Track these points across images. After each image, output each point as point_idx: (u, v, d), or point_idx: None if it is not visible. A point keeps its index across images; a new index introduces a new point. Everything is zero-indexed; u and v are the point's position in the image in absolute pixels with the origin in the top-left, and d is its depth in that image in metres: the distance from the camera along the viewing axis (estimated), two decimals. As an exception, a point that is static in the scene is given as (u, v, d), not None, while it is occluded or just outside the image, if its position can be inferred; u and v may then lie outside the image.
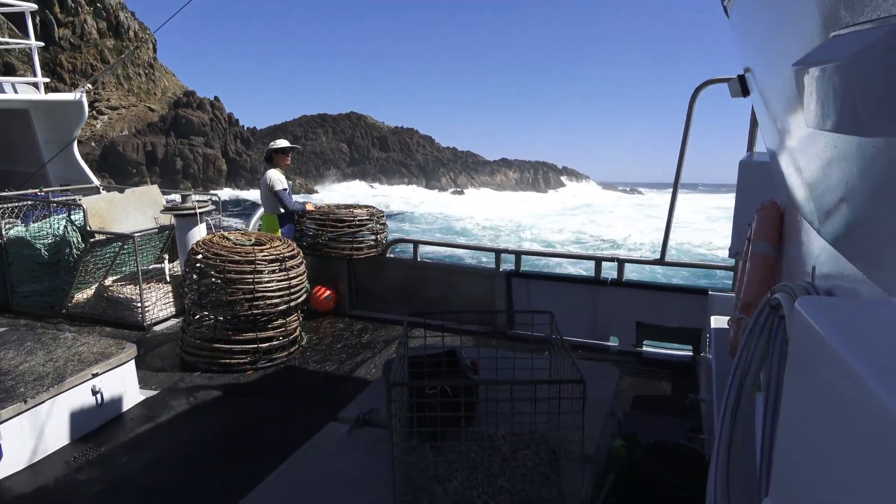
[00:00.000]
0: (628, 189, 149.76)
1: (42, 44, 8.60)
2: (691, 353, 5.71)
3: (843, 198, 1.26)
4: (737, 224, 3.92)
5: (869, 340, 0.94)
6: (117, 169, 70.38)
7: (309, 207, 6.93)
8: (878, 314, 1.07)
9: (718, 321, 3.97)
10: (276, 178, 6.79)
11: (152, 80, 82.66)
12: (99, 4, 76.15)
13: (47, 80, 8.42)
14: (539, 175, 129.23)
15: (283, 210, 6.84)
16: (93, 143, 66.90)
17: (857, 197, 1.18)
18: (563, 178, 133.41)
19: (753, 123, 4.72)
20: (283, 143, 7.07)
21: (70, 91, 8.33)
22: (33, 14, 8.02)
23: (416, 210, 64.53)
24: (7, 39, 9.40)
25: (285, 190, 6.80)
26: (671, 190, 5.51)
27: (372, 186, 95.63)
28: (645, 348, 5.90)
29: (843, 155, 1.11)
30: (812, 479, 0.97)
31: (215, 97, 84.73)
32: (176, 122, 76.87)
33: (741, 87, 3.10)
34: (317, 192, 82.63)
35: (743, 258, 3.06)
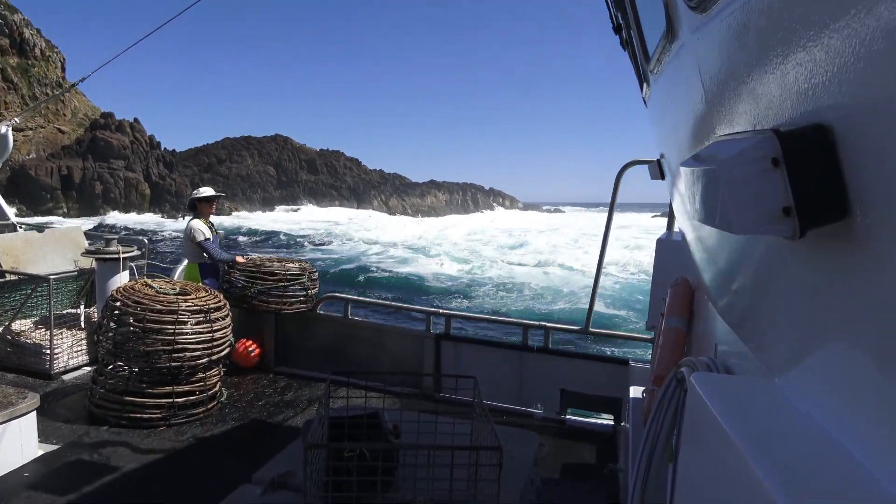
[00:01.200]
0: (552, 209, 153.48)
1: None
2: (612, 423, 5.83)
3: (733, 282, 1.38)
4: (653, 298, 4.12)
5: (752, 418, 1.02)
6: (29, 195, 65.85)
7: (239, 260, 6.81)
8: (763, 393, 1.16)
9: (636, 391, 4.10)
10: (198, 228, 6.66)
11: (61, 101, 79.27)
12: (0, 21, 72.90)
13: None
14: (468, 196, 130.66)
15: (208, 260, 6.70)
16: None
17: (745, 284, 1.29)
18: (491, 201, 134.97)
19: (671, 204, 5.03)
20: (207, 191, 6.97)
21: None
22: None
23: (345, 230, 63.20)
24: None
25: (208, 240, 6.67)
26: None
27: (296, 210, 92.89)
28: (568, 416, 5.98)
29: (728, 245, 1.22)
30: None
31: (135, 119, 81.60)
32: (94, 145, 73.23)
33: (659, 170, 3.33)
34: (239, 214, 79.16)
35: (657, 332, 3.21)
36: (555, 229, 68.94)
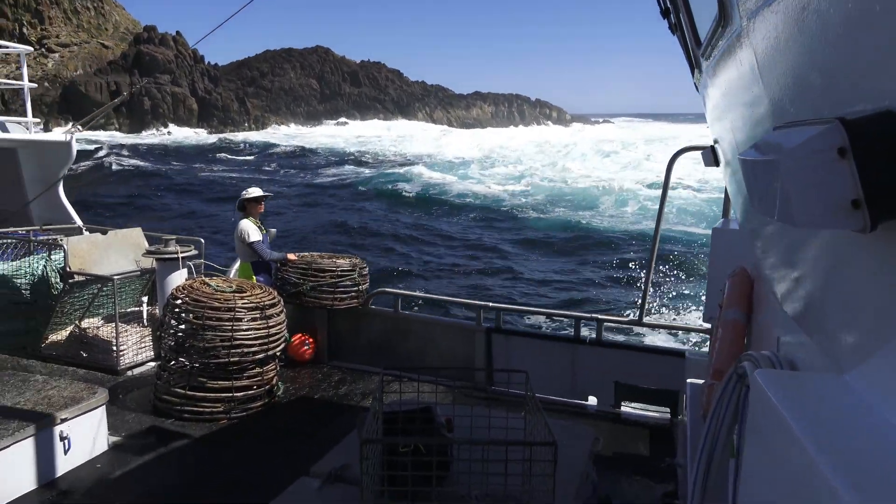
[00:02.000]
0: (601, 120, 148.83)
1: (34, 85, 8.70)
2: (669, 416, 5.72)
3: (798, 275, 1.33)
4: (710, 289, 4.01)
5: (819, 416, 0.99)
6: (80, 111, 66.56)
7: (291, 257, 6.94)
8: (830, 390, 1.12)
9: (694, 384, 4.01)
10: (249, 228, 6.80)
11: (102, 15, 76.84)
12: None
13: (37, 120, 8.49)
14: (514, 108, 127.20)
15: (259, 259, 6.86)
16: (46, 84, 60.76)
17: (810, 276, 1.24)
18: (538, 112, 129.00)
19: (727, 191, 4.88)
20: (256, 191, 7.09)
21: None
22: None
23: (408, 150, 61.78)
24: (2, 80, 9.49)
25: (260, 240, 6.82)
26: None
27: (346, 123, 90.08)
28: (623, 409, 5.89)
29: (792, 236, 1.18)
30: None
31: (177, 32, 79.28)
32: (139, 60, 71.92)
33: (713, 156, 3.23)
34: (289, 129, 76.81)
35: (715, 324, 3.13)
36: (648, 141, 65.78)
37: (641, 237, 21.81)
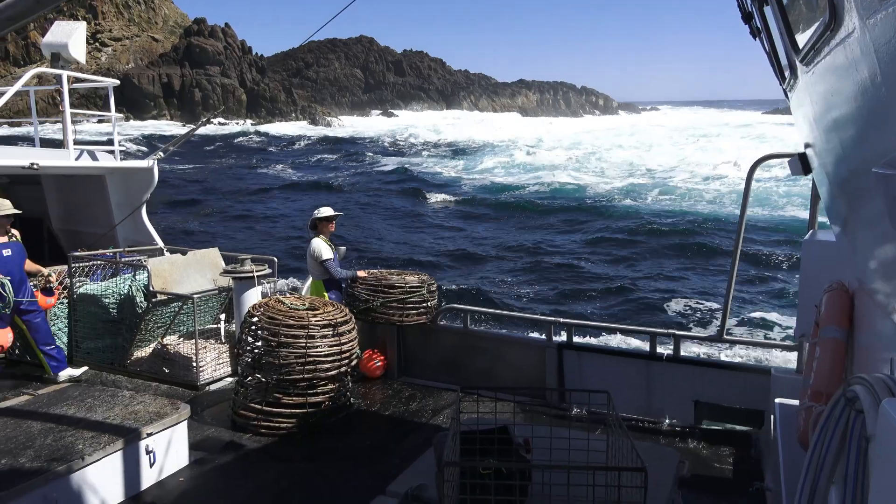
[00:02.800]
0: (648, 108, 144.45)
1: (122, 116, 9.22)
2: (753, 436, 5.43)
3: None
4: (802, 304, 3.79)
5: None
6: (134, 103, 67.57)
7: (361, 274, 7.03)
8: None
9: (785, 404, 3.79)
10: (322, 247, 6.93)
11: (152, 9, 78.17)
12: None
13: (123, 148, 8.97)
14: (559, 96, 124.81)
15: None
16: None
17: None
18: (584, 100, 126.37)
19: (815, 199, 4.61)
20: (327, 211, 7.20)
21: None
22: None
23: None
24: (89, 112, 10.11)
25: (331, 259, 6.93)
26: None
27: (395, 115, 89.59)
28: (704, 428, 5.64)
29: None
30: None
31: (226, 24, 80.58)
32: (189, 52, 73.58)
33: (802, 164, 3.06)
34: (340, 121, 77.59)
35: (811, 341, 2.94)
36: (719, 130, 63.64)
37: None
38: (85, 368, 6.84)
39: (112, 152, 8.60)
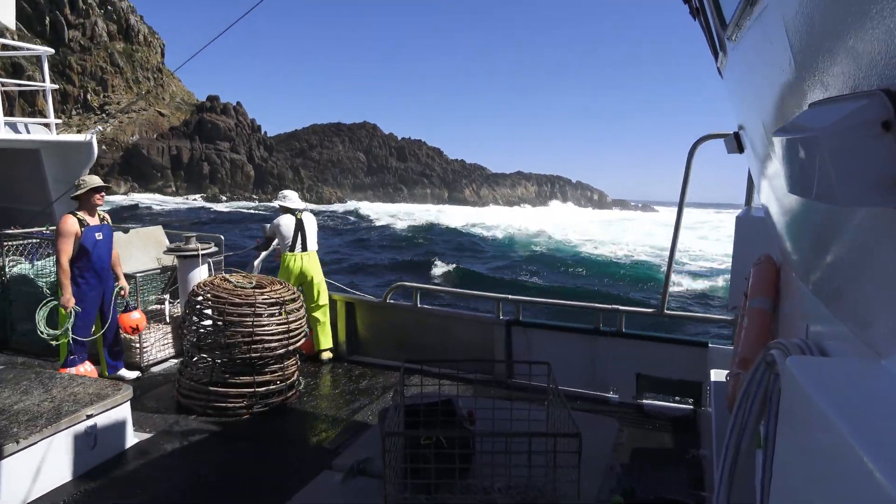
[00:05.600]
0: (640, 205, 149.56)
1: (56, 86, 8.80)
2: (692, 407, 5.65)
3: (830, 259, 1.29)
4: (734, 278, 3.95)
5: (857, 403, 0.95)
6: (141, 173, 68.19)
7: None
8: (868, 376, 1.08)
9: (718, 375, 3.95)
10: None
11: (160, 85, 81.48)
12: (110, 7, 74.48)
13: (59, 121, 8.59)
14: (556, 188, 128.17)
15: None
16: (103, 147, 65.47)
17: (844, 259, 1.20)
18: (579, 194, 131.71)
19: (750, 178, 4.79)
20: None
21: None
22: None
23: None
24: (23, 82, 9.62)
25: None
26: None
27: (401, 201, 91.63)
28: (645, 401, 5.84)
29: (827, 219, 1.14)
30: None
31: (237, 102, 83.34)
32: (200, 127, 75.25)
33: (737, 143, 3.17)
34: (359, 205, 79.21)
35: (740, 312, 3.08)
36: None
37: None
38: (137, 373, 6.34)
39: (47, 126, 8.24)
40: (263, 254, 7.29)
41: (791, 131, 0.94)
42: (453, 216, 69.03)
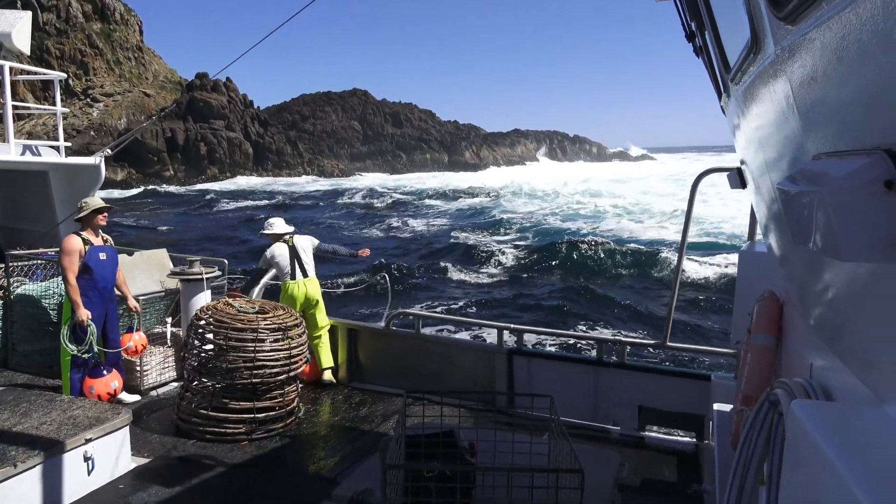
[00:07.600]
0: (639, 156, 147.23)
1: (67, 110, 8.92)
2: (695, 441, 5.60)
3: (833, 302, 1.30)
4: (737, 313, 3.94)
5: (860, 448, 0.96)
6: (138, 158, 65.82)
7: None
8: (870, 421, 1.09)
9: (721, 409, 3.93)
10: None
11: (142, 65, 77.63)
12: None
13: (69, 144, 8.69)
14: (555, 144, 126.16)
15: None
16: (92, 133, 62.17)
17: (846, 302, 1.22)
18: (577, 148, 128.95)
19: (752, 214, 4.80)
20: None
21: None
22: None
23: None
24: (35, 105, 9.77)
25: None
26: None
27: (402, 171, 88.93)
28: (647, 433, 5.79)
29: (829, 262, 1.15)
30: None
31: (227, 78, 79.93)
32: (192, 106, 72.49)
33: (739, 178, 3.19)
34: (360, 175, 77.46)
35: (744, 347, 3.07)
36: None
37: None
38: (137, 397, 6.31)
39: (57, 148, 8.33)
40: (263, 280, 7.30)
41: (796, 183, 0.96)
42: (491, 177, 66.79)
